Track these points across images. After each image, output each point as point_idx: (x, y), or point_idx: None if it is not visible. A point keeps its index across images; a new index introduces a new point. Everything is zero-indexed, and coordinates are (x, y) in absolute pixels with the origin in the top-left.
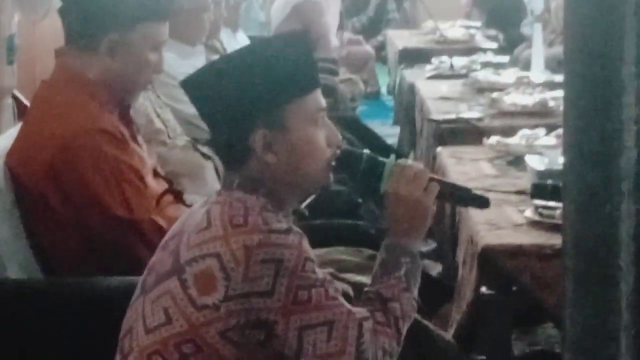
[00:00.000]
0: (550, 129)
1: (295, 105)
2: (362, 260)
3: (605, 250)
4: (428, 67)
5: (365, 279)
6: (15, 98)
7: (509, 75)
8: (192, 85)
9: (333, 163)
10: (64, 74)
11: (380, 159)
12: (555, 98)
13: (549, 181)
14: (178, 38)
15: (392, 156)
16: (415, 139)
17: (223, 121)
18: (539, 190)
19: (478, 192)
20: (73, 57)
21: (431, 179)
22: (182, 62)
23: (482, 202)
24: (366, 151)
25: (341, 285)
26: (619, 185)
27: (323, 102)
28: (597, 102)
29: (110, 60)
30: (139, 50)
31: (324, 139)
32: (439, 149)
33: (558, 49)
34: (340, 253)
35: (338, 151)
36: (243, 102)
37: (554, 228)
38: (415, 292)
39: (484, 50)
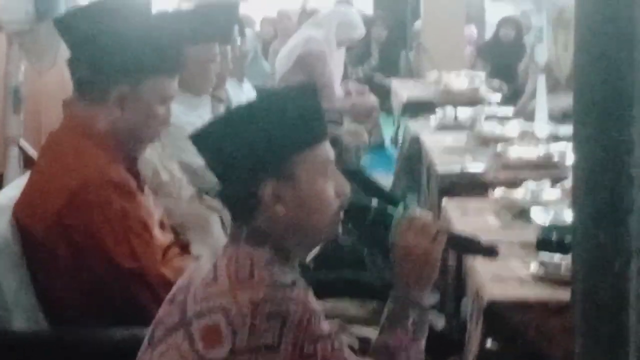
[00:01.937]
0: (554, 181)
1: (304, 156)
2: (367, 313)
3: (614, 309)
4: (432, 117)
5: (370, 332)
6: (21, 147)
7: (514, 127)
8: (202, 139)
9: (341, 215)
10: (72, 125)
11: (389, 210)
12: (560, 151)
13: (555, 235)
14: (184, 88)
15: (400, 207)
16: (414, 189)
17: (233, 174)
18: (545, 244)
19: (487, 242)
20: (81, 107)
21: (439, 230)
22: (188, 112)
23: (490, 252)
24: (374, 203)
25: (346, 339)
26: (628, 244)
27: (332, 152)
28: (607, 161)
29: (118, 111)
30: (147, 103)
31: (332, 189)
32: (444, 201)
33: (562, 100)
34: (344, 306)
35: (346, 202)
36: (253, 154)
37: (559, 282)
38: (423, 343)
39: (489, 102)
